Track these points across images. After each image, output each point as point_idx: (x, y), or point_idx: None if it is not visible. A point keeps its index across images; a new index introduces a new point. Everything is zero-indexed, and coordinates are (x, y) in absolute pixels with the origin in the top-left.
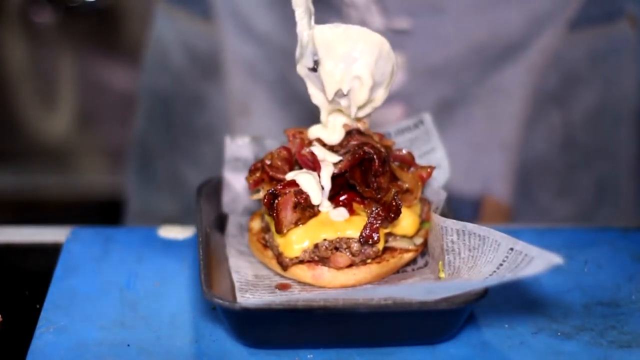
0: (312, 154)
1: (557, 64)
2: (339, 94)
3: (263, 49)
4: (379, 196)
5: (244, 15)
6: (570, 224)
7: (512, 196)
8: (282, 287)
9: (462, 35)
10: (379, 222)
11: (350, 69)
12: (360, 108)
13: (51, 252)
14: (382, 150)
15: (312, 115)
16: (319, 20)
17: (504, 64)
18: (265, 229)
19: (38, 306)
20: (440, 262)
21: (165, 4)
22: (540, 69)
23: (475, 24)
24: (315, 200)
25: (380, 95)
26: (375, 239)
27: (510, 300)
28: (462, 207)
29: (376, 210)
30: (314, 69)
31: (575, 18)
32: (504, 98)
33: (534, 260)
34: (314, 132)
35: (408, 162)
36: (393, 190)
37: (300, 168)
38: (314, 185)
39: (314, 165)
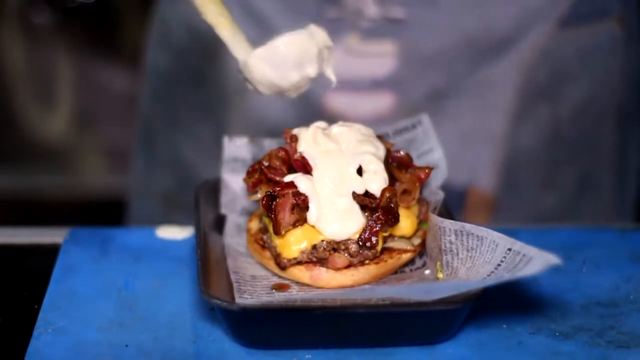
0: (303, 157)
1: (546, 59)
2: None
3: (263, 30)
4: (374, 205)
5: None
6: (553, 217)
7: (497, 188)
8: (280, 287)
9: (455, 27)
10: (379, 226)
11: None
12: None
13: (49, 252)
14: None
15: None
16: (315, 11)
17: (495, 58)
18: (264, 230)
19: (36, 307)
20: (438, 263)
21: None
22: (530, 65)
23: (469, 16)
24: (312, 220)
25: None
26: (374, 242)
27: (509, 300)
28: (447, 198)
29: (376, 214)
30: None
31: (566, 15)
32: (493, 91)
33: (532, 261)
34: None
35: (406, 163)
36: (387, 194)
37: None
38: (314, 192)
39: (306, 168)
